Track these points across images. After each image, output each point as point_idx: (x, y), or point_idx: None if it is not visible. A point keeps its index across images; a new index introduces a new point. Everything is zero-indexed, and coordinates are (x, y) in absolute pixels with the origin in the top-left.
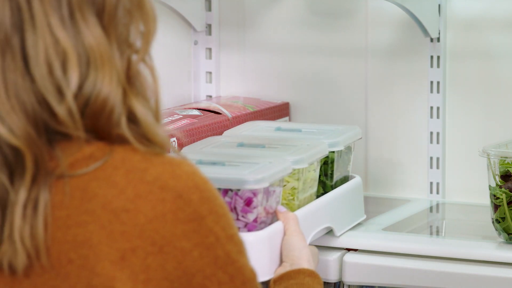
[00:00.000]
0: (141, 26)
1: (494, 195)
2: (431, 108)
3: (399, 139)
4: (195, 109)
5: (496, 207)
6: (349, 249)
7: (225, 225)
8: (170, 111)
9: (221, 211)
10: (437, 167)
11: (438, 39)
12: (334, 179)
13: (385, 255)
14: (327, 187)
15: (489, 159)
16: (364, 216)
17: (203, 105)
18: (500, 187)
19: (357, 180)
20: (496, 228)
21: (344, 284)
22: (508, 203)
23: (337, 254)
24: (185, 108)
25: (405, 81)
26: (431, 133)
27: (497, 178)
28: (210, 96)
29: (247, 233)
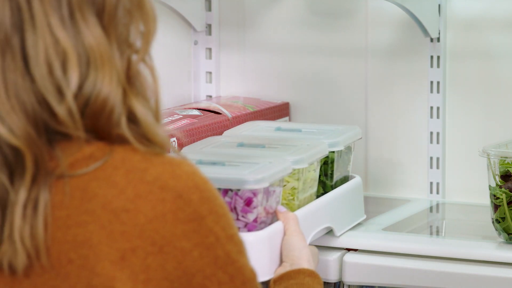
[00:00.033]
0: (141, 26)
1: (494, 195)
2: (431, 108)
3: (399, 139)
4: (195, 109)
5: (496, 207)
6: (349, 249)
7: (225, 225)
8: (170, 111)
9: (221, 211)
10: (437, 167)
11: (438, 39)
12: (334, 179)
13: (385, 255)
14: (327, 187)
15: (489, 159)
16: (364, 216)
17: (203, 105)
18: (500, 187)
19: (357, 180)
20: (496, 228)
21: (344, 284)
22: (508, 203)
23: (337, 254)
24: (185, 108)
25: (405, 81)
26: (431, 133)
27: (497, 178)
28: (210, 96)
29: (247, 233)
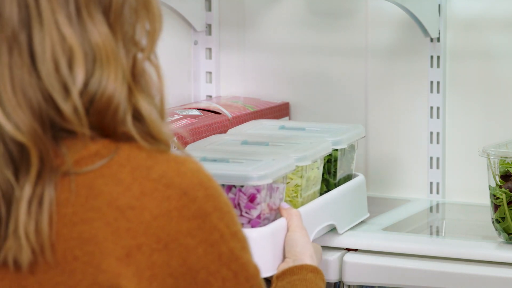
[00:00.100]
0: (146, 25)
1: (494, 195)
2: (431, 108)
3: (399, 139)
4: (195, 109)
5: (496, 207)
6: (349, 249)
7: (229, 222)
8: (170, 111)
9: (225, 208)
10: (437, 167)
11: (438, 39)
12: (338, 177)
13: (385, 255)
14: (330, 185)
15: (489, 159)
16: (367, 214)
17: (203, 105)
18: (500, 187)
19: (361, 178)
20: (496, 228)
21: (344, 284)
22: (508, 203)
23: (337, 254)
24: (185, 108)
25: (405, 81)
26: (431, 133)
27: (497, 178)
28: (210, 96)
29: (250, 229)
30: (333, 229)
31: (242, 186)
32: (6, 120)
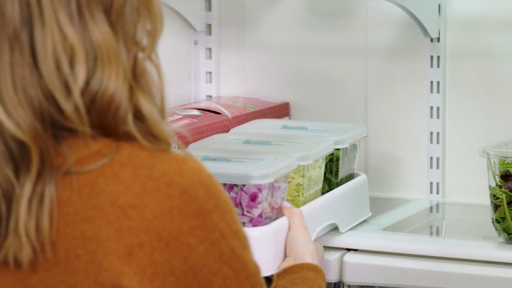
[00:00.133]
0: (147, 25)
1: (494, 195)
2: (431, 108)
3: (399, 139)
4: (195, 109)
5: (496, 207)
6: (349, 249)
7: (230, 220)
8: (170, 111)
9: (226, 207)
10: (437, 167)
11: (438, 39)
12: (340, 176)
13: (385, 255)
14: (332, 184)
15: (489, 159)
16: (370, 214)
17: (203, 105)
18: (500, 187)
19: (363, 177)
20: (496, 228)
21: (344, 284)
22: (508, 203)
23: (337, 254)
24: (185, 108)
25: (405, 81)
26: (431, 133)
27: (497, 178)
28: (210, 96)
29: (252, 228)
30: (333, 229)
31: (244, 185)
32: (7, 118)
